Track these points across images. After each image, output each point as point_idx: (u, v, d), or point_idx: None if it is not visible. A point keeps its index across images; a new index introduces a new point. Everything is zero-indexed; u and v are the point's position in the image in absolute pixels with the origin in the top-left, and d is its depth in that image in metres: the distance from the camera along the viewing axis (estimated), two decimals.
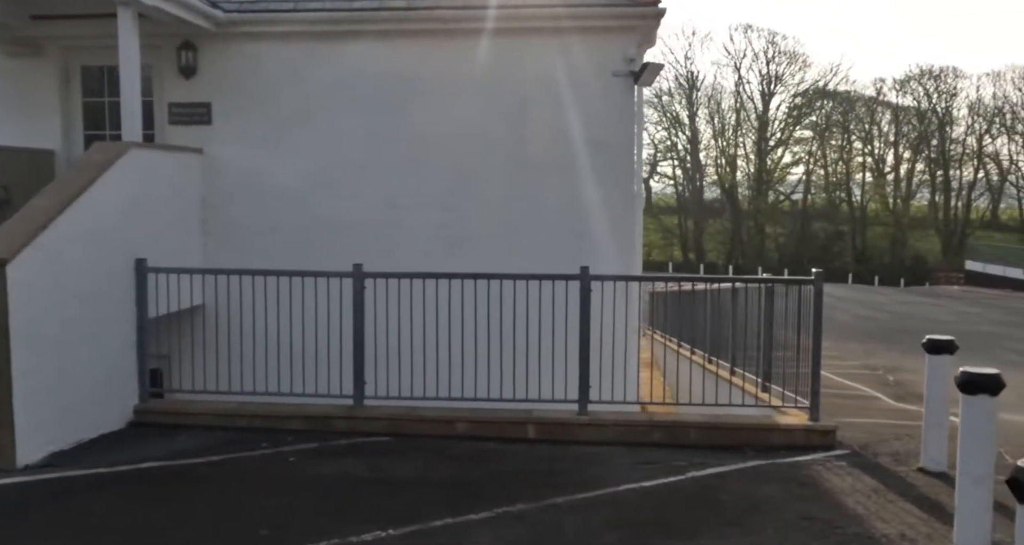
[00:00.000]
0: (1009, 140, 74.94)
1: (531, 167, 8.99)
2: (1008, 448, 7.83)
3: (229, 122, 9.43)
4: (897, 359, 20.10)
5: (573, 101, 8.92)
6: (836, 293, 44.18)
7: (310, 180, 9.45)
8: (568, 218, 8.95)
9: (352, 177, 9.35)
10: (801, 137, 75.29)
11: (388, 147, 9.28)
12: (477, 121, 9.14)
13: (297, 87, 9.42)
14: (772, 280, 7.88)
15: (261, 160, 9.47)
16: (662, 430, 7.60)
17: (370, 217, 9.27)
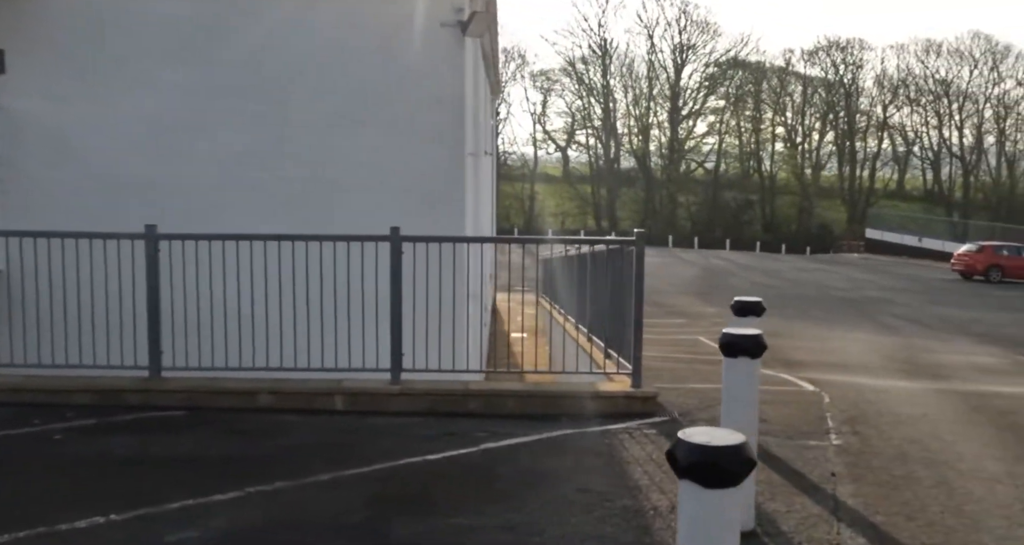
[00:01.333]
0: (912, 111, 76.90)
1: (354, 123, 8.43)
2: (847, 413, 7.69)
3: (27, 72, 8.63)
4: (778, 325, 20.18)
5: (399, 53, 8.36)
6: (738, 260, 44.79)
7: (121, 136, 8.71)
8: (393, 177, 8.42)
9: (166, 133, 8.65)
10: (713, 107, 76.01)
11: (203, 101, 8.60)
12: (297, 74, 8.51)
13: (104, 34, 8.65)
14: (594, 241, 7.52)
15: (67, 114, 8.69)
16: (478, 399, 7.22)
17: (184, 176, 8.60)
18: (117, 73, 8.70)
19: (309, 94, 8.50)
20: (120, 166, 8.72)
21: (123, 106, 8.65)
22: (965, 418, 8.05)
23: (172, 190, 8.57)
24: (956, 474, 5.80)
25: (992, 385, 11.32)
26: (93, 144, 8.74)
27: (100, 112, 8.74)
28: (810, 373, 11.56)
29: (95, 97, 8.70)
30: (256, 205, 8.55)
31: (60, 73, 8.73)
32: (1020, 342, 18.15)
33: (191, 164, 8.65)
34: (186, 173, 8.61)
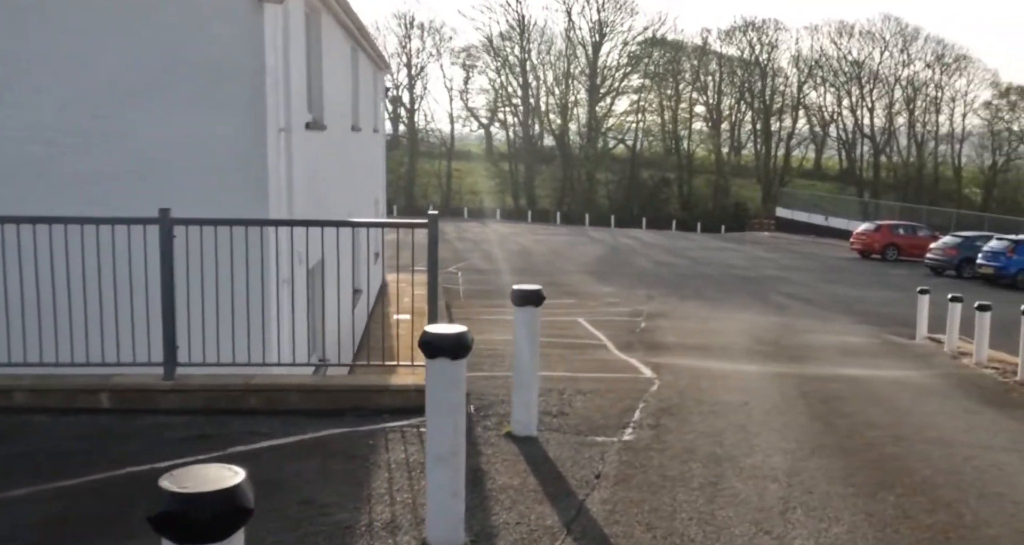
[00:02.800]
0: (826, 92, 78.07)
1: (147, 96, 7.74)
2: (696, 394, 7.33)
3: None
4: (672, 305, 20.10)
5: (195, 23, 7.69)
6: (648, 239, 44.85)
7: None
8: (190, 154, 7.77)
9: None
10: (632, 85, 76.01)
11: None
12: (87, 44, 7.77)
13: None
14: (384, 224, 7.00)
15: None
16: (259, 394, 6.66)
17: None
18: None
19: (99, 65, 7.77)
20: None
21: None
22: (785, 406, 7.81)
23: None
24: (735, 472, 5.48)
25: (842, 367, 11.22)
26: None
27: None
28: (665, 357, 11.31)
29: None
30: (40, 184, 7.82)
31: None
32: (898, 321, 18.28)
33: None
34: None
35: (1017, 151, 76.87)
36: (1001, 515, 4.94)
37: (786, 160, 78.56)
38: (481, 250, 34.48)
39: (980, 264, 28.03)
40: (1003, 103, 77.00)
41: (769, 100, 77.03)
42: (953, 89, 77.19)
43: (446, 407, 3.87)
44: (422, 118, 73.74)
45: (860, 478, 5.52)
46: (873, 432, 6.89)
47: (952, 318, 13.81)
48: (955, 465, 5.99)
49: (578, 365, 9.89)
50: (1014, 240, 27.96)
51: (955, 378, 10.53)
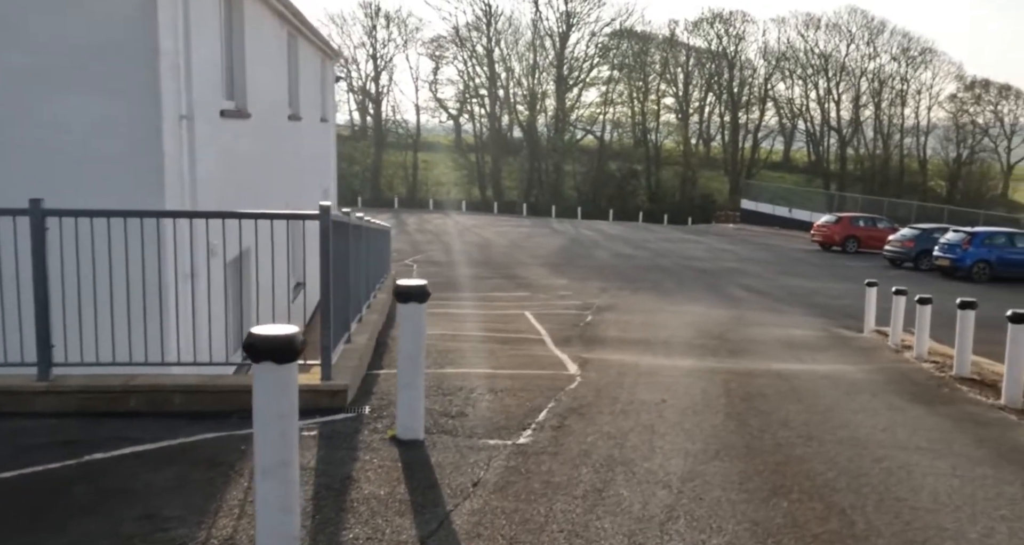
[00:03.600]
0: (793, 84, 78.28)
1: (25, 78, 7.31)
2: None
3: None
4: (624, 298, 19.87)
5: (87, 4, 7.28)
6: (610, 231, 44.66)
7: None
8: (71, 142, 7.36)
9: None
10: (601, 77, 75.79)
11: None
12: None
13: None
14: (274, 215, 6.64)
15: None
16: (140, 396, 6.29)
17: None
18: None
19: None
20: None
21: None
22: (704, 404, 7.55)
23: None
24: (626, 477, 5.20)
25: (779, 362, 10.99)
26: None
27: None
28: (599, 352, 11.04)
29: None
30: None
31: None
32: (850, 313, 18.15)
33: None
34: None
35: (981, 144, 77.55)
36: (896, 524, 4.68)
37: (753, 152, 78.76)
38: (440, 242, 34.11)
39: (937, 256, 28.05)
40: (968, 96, 77.69)
41: (737, 92, 77.12)
42: (919, 82, 77.84)
43: (272, 415, 3.54)
44: (388, 109, 73.08)
45: (757, 482, 5.26)
46: (785, 432, 6.64)
47: (896, 311, 13.66)
48: (862, 467, 5.74)
49: (504, 361, 9.58)
50: (970, 232, 28.01)
51: (891, 373, 10.33)
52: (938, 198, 67.17)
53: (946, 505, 5.04)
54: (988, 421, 7.59)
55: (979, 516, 4.87)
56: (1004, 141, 79.61)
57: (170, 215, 6.99)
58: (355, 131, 74.68)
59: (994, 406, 8.40)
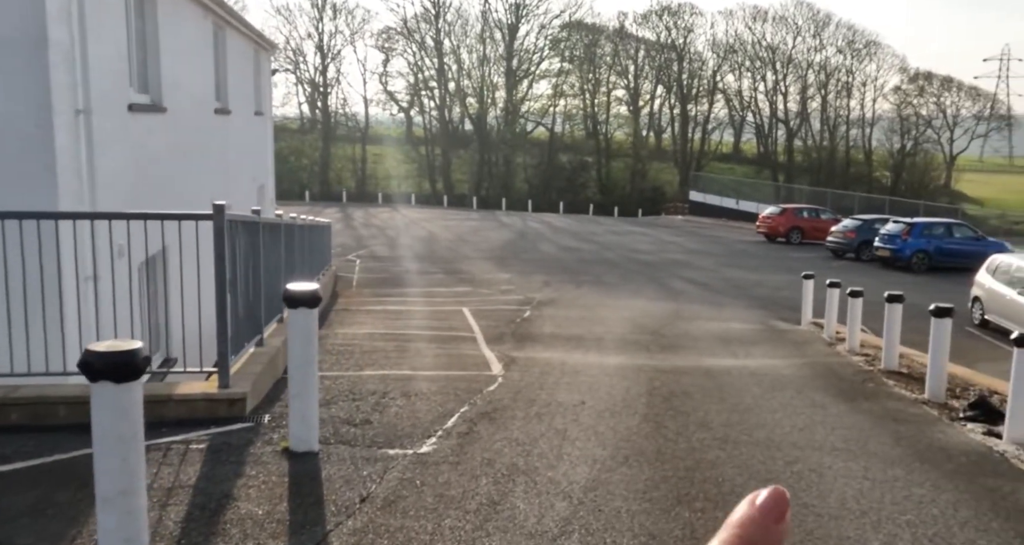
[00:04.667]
0: (741, 76, 78.81)
1: None
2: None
3: None
4: (566, 292, 19.70)
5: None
6: (557, 223, 44.54)
7: None
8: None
9: None
10: (552, 69, 75.61)
11: None
12: None
13: None
14: (163, 216, 6.32)
15: None
16: (22, 409, 5.94)
17: None
18: None
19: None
20: None
21: None
22: (623, 405, 7.38)
23: None
24: (527, 488, 4.99)
25: (710, 358, 10.89)
26: None
27: None
28: (529, 351, 10.84)
29: None
30: None
31: None
32: (790, 305, 18.18)
33: None
34: None
35: (925, 135, 78.77)
36: (798, 533, 4.54)
37: (703, 144, 79.21)
38: (386, 236, 33.69)
39: (877, 247, 28.32)
40: (911, 88, 78.78)
41: (687, 84, 77.43)
42: (864, 74, 78.69)
43: (112, 439, 3.26)
44: (337, 102, 72.17)
45: (663, 491, 5.08)
46: (702, 434, 6.49)
47: (830, 304, 13.66)
48: (773, 471, 5.60)
49: (427, 361, 9.33)
50: (909, 223, 28.32)
51: (820, 367, 10.27)
52: (883, 189, 68.10)
53: (852, 511, 4.91)
54: (908, 418, 7.52)
55: (884, 522, 4.75)
56: (947, 132, 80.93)
57: (51, 216, 6.60)
58: (304, 124, 73.68)
59: (917, 401, 8.35)
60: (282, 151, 53.52)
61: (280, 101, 68.01)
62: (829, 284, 13.73)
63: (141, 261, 8.97)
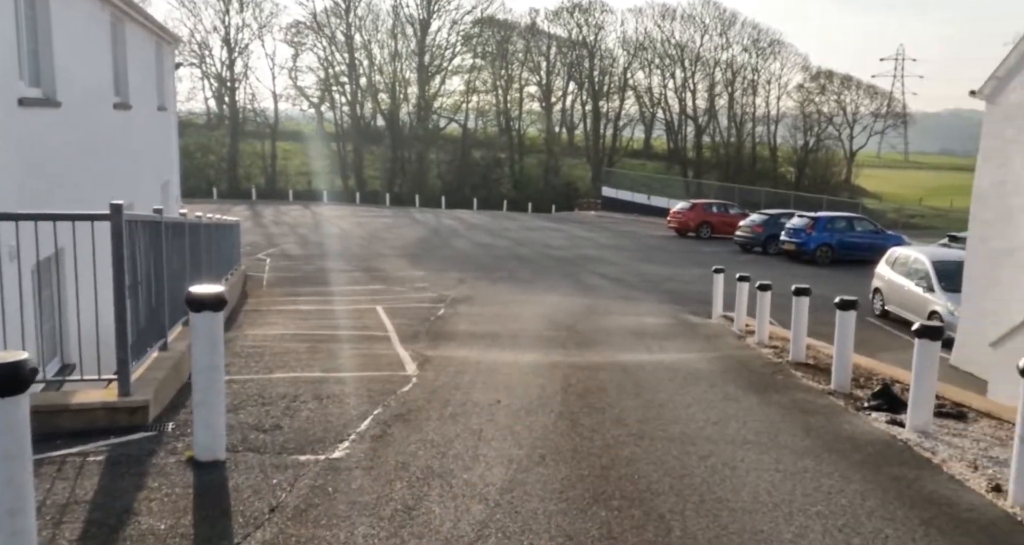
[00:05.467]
0: (651, 74, 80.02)
1: None
2: None
3: None
4: (480, 289, 19.64)
5: None
6: (472, 220, 44.49)
7: None
8: None
9: None
10: (464, 65, 75.46)
11: None
12: None
13: None
14: (56, 216, 6.02)
15: None
16: None
17: None
18: None
19: None
20: None
21: None
22: (539, 403, 7.35)
23: None
24: (442, 492, 4.90)
25: (625, 353, 10.96)
26: None
27: None
28: (444, 349, 10.73)
29: None
30: None
31: None
32: (701, 299, 18.50)
33: None
34: None
35: (826, 132, 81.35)
36: (713, 528, 4.56)
37: (614, 140, 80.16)
38: (297, 234, 33.08)
39: (783, 241, 29.09)
40: (813, 86, 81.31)
41: (598, 81, 78.26)
42: (768, 72, 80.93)
43: (14, 463, 3.04)
44: (246, 97, 70.56)
45: (579, 490, 5.05)
46: (618, 430, 6.50)
47: (740, 298, 13.92)
48: (688, 466, 5.63)
49: (339, 363, 9.14)
50: (813, 217, 29.16)
51: (731, 360, 10.44)
52: (789, 184, 70.10)
53: (765, 504, 4.96)
54: (817, 409, 7.69)
55: (795, 514, 4.81)
56: (847, 129, 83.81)
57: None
58: (211, 120, 71.85)
59: (824, 392, 8.55)
60: (188, 147, 52.13)
61: (185, 96, 66.15)
62: (739, 278, 13.99)
63: (33, 264, 8.54)
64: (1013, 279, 13.73)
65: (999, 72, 14.85)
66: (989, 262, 14.64)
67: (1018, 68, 14.44)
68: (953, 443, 6.64)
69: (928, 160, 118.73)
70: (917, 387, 6.94)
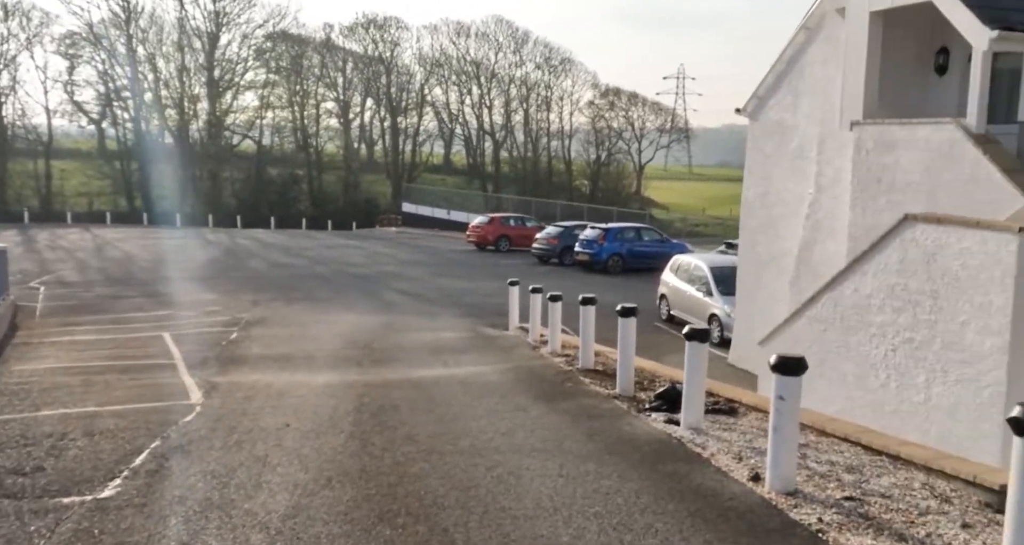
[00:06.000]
0: (448, 90, 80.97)
1: None
2: None
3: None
4: (276, 310, 19.09)
5: None
6: (268, 239, 43.33)
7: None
8: None
9: None
10: (258, 80, 73.37)
11: None
12: None
13: None
14: None
15: None
16: None
17: None
18: None
19: None
20: None
21: None
22: (329, 424, 7.25)
23: None
24: (221, 523, 4.73)
25: (422, 368, 10.99)
26: None
27: None
28: (235, 374, 10.37)
29: None
30: None
31: None
32: (500, 312, 18.78)
33: None
34: None
35: (617, 146, 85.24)
36: (496, 537, 4.66)
37: (414, 156, 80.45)
38: (76, 260, 30.93)
39: (577, 252, 30.15)
40: (603, 103, 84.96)
41: (396, 97, 78.28)
42: (561, 89, 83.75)
43: None
44: (13, 112, 65.26)
45: (365, 510, 5.02)
46: (408, 447, 6.51)
47: (533, 309, 14.28)
48: (475, 478, 5.72)
49: (116, 395, 8.64)
50: (604, 229, 30.43)
51: (523, 371, 10.70)
52: (583, 196, 72.78)
53: (546, 509, 5.12)
54: (601, 413, 8.02)
55: (574, 517, 5.00)
56: (635, 143, 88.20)
57: None
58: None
59: (610, 396, 8.92)
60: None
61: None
62: (532, 290, 14.36)
63: None
64: (777, 282, 14.91)
65: (759, 91, 16.13)
66: (756, 267, 15.83)
67: (775, 88, 15.74)
68: (722, 437, 7.10)
69: (709, 172, 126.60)
70: (689, 387, 7.39)
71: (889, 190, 11.48)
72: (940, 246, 8.76)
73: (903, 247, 9.23)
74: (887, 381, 9.45)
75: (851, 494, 5.57)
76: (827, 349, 10.39)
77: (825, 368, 10.31)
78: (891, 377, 9.40)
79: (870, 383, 9.70)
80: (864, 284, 9.82)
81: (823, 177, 13.67)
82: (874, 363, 9.65)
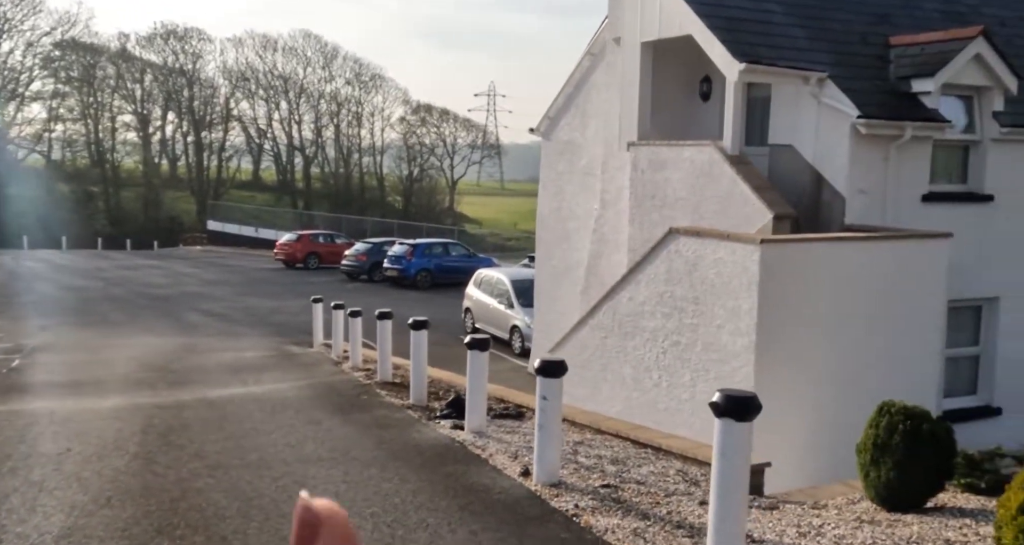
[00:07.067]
0: (255, 104, 79.08)
1: None
2: None
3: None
4: (66, 335, 18.20)
5: None
6: (57, 260, 40.95)
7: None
8: None
9: None
10: (45, 91, 68.94)
11: None
12: None
13: None
14: None
15: None
16: None
17: None
18: None
19: None
20: None
21: None
22: (113, 447, 7.20)
23: None
24: None
25: (220, 388, 10.93)
26: None
27: None
28: (16, 402, 9.96)
29: None
30: None
31: None
32: (305, 330, 18.72)
33: None
34: None
35: (429, 162, 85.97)
36: (274, 541, 4.89)
37: (219, 172, 77.95)
38: None
39: (386, 268, 30.36)
40: (415, 119, 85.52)
41: (199, 111, 75.63)
42: (372, 105, 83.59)
43: None
44: None
45: (144, 526, 5.12)
46: (195, 464, 6.60)
47: (336, 325, 14.44)
48: (259, 489, 5.91)
49: None
50: (412, 244, 30.82)
51: (322, 386, 10.87)
52: (397, 212, 72.88)
53: None
54: (392, 423, 8.35)
55: (352, 518, 5.27)
56: (448, 159, 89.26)
57: None
58: None
59: (404, 406, 9.27)
60: None
61: None
62: (334, 306, 14.52)
63: None
64: (571, 293, 15.77)
65: (550, 113, 17.03)
66: (553, 278, 16.66)
67: (565, 109, 16.67)
68: (504, 439, 7.60)
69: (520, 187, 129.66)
70: (471, 394, 7.86)
71: (662, 206, 12.49)
72: (700, 257, 9.71)
73: (669, 258, 10.14)
74: (659, 381, 10.32)
75: (610, 482, 6.18)
76: (608, 354, 11.19)
77: (607, 372, 11.09)
78: (662, 377, 10.28)
79: (645, 384, 10.55)
80: (638, 292, 10.68)
81: (607, 193, 14.62)
82: (648, 366, 10.50)
